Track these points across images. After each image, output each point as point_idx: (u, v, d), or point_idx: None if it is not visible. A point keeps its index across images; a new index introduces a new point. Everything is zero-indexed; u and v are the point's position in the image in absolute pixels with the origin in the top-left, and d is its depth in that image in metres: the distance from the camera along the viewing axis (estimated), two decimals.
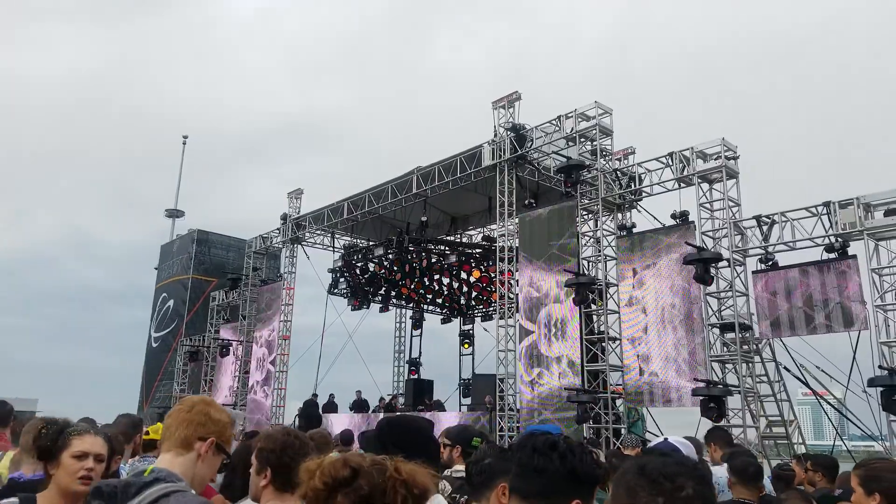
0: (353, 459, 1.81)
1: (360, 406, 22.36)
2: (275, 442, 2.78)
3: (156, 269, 36.93)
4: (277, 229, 24.58)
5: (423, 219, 20.11)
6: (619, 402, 14.67)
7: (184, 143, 52.46)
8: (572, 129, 15.59)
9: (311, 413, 20.88)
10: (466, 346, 26.30)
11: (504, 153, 16.65)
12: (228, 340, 25.40)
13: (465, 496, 3.78)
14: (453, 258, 22.82)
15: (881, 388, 11.39)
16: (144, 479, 2.06)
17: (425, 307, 26.73)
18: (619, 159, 16.42)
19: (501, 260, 16.58)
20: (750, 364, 13.40)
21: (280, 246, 24.70)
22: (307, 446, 2.79)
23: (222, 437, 2.41)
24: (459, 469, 4.12)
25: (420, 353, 26.64)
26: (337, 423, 19.59)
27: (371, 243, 23.85)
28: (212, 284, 30.83)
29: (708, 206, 14.03)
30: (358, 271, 24.21)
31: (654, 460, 1.33)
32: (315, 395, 22.58)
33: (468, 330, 26.54)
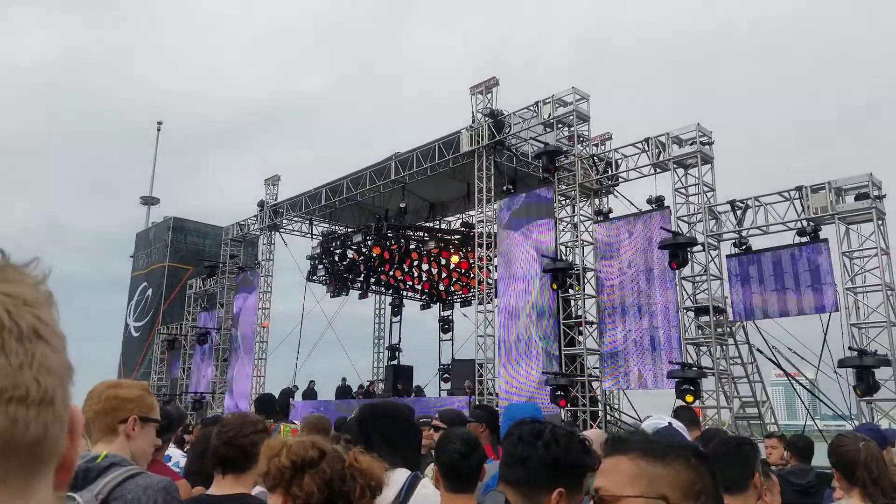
0: (319, 442, 1.84)
1: (344, 392, 22.32)
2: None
3: (131, 257, 36.50)
4: (255, 216, 24.37)
5: (402, 205, 20.06)
6: (595, 385, 14.84)
7: (158, 130, 51.65)
8: (550, 114, 15.62)
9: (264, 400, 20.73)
10: (446, 331, 26.36)
11: (482, 139, 16.65)
12: (206, 328, 25.21)
13: None
14: (432, 244, 22.80)
15: (851, 369, 11.65)
16: (101, 463, 2.09)
17: (404, 293, 26.71)
18: (597, 145, 16.51)
19: (480, 246, 16.63)
20: (724, 346, 13.62)
21: (257, 233, 24.50)
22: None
23: (143, 410, 2.42)
24: None
25: (399, 339, 26.64)
26: (303, 410, 19.45)
27: (349, 230, 23.72)
28: (188, 272, 30.52)
29: (683, 191, 14.17)
30: (336, 258, 24.08)
31: (691, 442, 1.39)
32: (295, 387, 22.48)
33: (447, 316, 26.59)
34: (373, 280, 25.21)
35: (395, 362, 25.54)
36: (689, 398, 12.45)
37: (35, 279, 0.60)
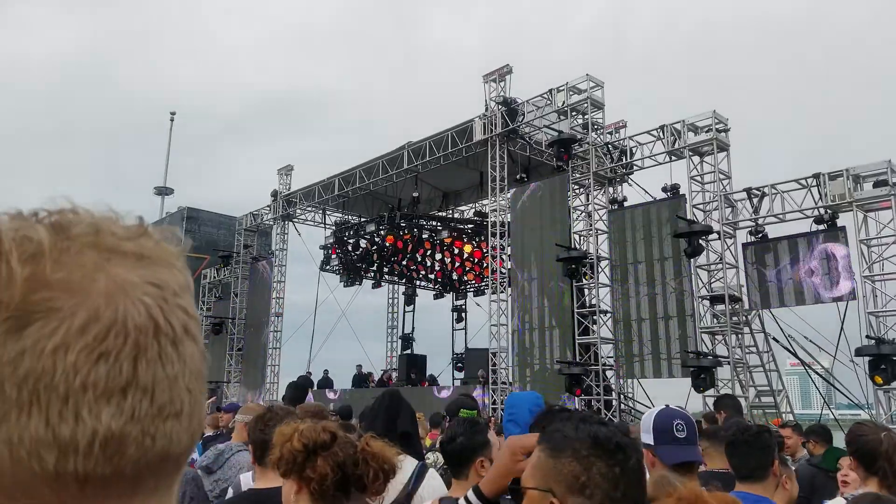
0: (330, 426, 1.86)
1: (360, 380, 22.38)
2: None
3: None
4: (268, 206, 24.42)
5: (415, 194, 20.04)
6: (609, 374, 14.82)
7: (171, 120, 51.71)
8: (563, 102, 15.51)
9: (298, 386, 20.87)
10: (459, 321, 26.37)
11: (495, 127, 16.56)
12: (221, 318, 25.36)
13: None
14: (445, 233, 22.79)
15: (868, 358, 11.56)
16: None
17: (418, 283, 26.74)
18: (611, 133, 16.39)
19: (493, 235, 16.59)
20: (739, 335, 13.55)
21: (271, 223, 24.58)
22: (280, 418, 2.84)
23: None
24: None
25: (413, 328, 26.71)
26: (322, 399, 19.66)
27: (363, 219, 23.76)
28: (203, 262, 30.69)
29: (699, 178, 14.06)
30: (350, 248, 24.13)
31: (602, 430, 1.35)
32: (309, 373, 22.56)
33: (461, 305, 26.60)
34: (386, 269, 25.25)
35: (408, 351, 25.60)
36: (702, 389, 12.47)
37: (172, 255, 0.54)
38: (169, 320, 0.51)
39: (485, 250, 19.54)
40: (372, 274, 25.34)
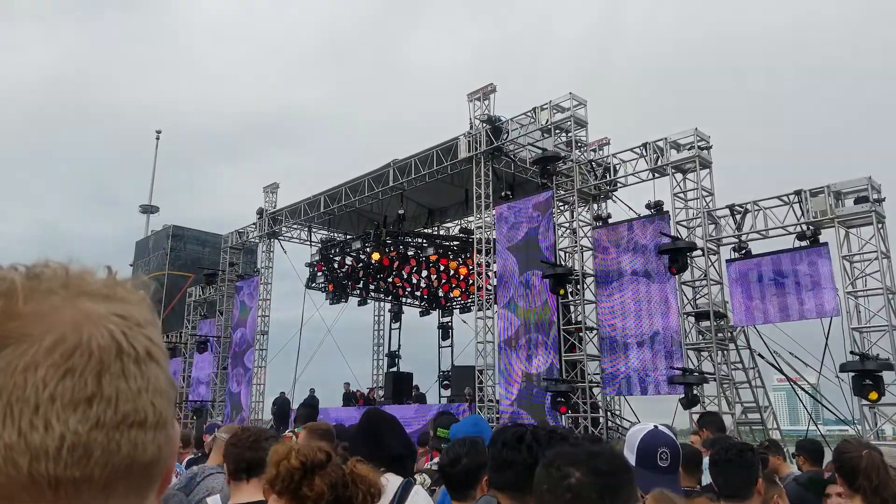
0: (324, 446, 1.90)
1: (348, 399, 22.19)
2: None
3: (131, 265, 36.52)
4: (253, 224, 24.35)
5: (401, 212, 20.05)
6: (596, 391, 14.78)
7: (157, 139, 51.63)
8: (547, 120, 15.59)
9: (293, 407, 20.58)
10: (445, 338, 26.29)
11: (480, 145, 16.62)
12: (206, 336, 25.17)
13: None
14: (431, 251, 22.79)
15: (853, 373, 11.59)
16: None
17: (404, 300, 26.69)
18: (595, 150, 16.48)
19: (479, 252, 16.59)
20: (725, 351, 13.56)
21: (256, 241, 24.48)
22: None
23: None
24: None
25: (399, 345, 26.61)
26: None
27: (348, 237, 23.74)
28: (188, 280, 30.54)
29: (682, 195, 14.14)
30: (336, 265, 24.08)
31: (561, 449, 1.39)
32: (283, 393, 22.11)
33: (447, 322, 26.54)
34: (372, 287, 25.21)
35: (394, 369, 25.48)
36: (682, 403, 12.49)
37: (141, 297, 0.61)
38: (132, 344, 0.56)
39: (471, 267, 19.54)
40: (358, 291, 25.28)
